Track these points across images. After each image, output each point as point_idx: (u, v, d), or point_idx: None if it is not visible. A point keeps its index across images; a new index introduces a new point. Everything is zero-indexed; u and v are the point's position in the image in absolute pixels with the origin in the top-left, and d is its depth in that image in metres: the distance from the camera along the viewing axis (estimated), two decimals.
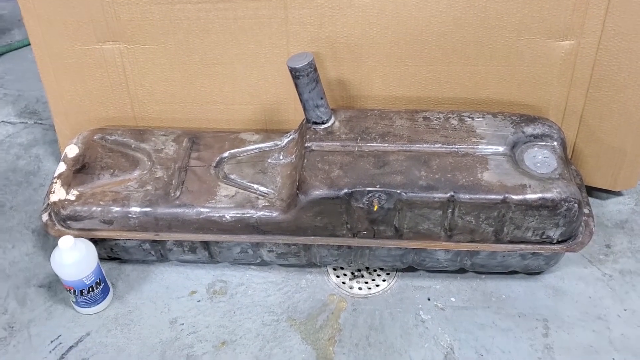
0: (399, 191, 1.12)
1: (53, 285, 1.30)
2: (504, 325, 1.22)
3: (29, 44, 1.90)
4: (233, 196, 1.21)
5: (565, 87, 1.29)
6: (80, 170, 1.27)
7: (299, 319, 1.24)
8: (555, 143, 1.21)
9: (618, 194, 1.45)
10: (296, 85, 1.19)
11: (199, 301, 1.28)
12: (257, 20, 1.26)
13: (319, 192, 1.14)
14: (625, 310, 1.24)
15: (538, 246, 1.18)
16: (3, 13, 2.09)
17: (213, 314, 1.25)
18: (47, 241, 1.39)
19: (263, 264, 1.32)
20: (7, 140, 1.65)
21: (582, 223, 1.20)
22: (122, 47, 1.31)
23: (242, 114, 1.39)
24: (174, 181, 1.24)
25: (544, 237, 1.17)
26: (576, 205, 1.12)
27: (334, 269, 1.33)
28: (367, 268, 1.33)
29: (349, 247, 1.23)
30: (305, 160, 1.18)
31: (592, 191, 1.42)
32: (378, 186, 1.12)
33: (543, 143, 1.21)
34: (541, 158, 1.19)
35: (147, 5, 1.25)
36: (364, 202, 1.14)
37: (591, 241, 1.21)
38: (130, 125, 1.41)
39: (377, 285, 1.30)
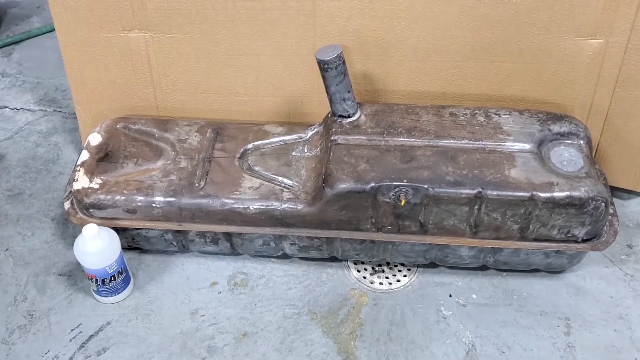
0: (426, 186, 1.12)
1: (73, 274, 1.30)
2: (526, 323, 1.22)
3: (48, 32, 1.91)
4: (257, 188, 1.21)
5: (591, 86, 1.28)
6: (104, 158, 1.27)
7: (320, 312, 1.24)
8: (581, 142, 1.21)
9: None
10: (324, 78, 1.18)
11: (219, 292, 1.27)
12: (285, 12, 1.25)
13: (345, 186, 1.13)
14: None
15: (563, 244, 1.18)
16: (21, 0, 2.08)
17: (234, 306, 1.25)
18: (66, 229, 1.39)
19: (284, 256, 1.32)
20: (26, 127, 1.64)
21: (607, 222, 1.20)
22: (147, 35, 1.31)
23: (265, 106, 1.39)
24: (198, 172, 1.24)
25: (569, 235, 1.17)
26: (603, 204, 1.12)
27: (355, 264, 1.33)
28: (388, 263, 1.33)
29: (372, 241, 1.23)
30: (331, 154, 1.18)
31: (613, 191, 1.41)
32: (405, 181, 1.12)
33: (569, 141, 1.21)
34: (567, 156, 1.19)
35: None
36: (390, 196, 1.13)
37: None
38: (152, 115, 1.41)
39: (398, 281, 1.30)
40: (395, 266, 1.33)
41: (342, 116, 1.23)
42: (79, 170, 1.24)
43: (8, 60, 1.85)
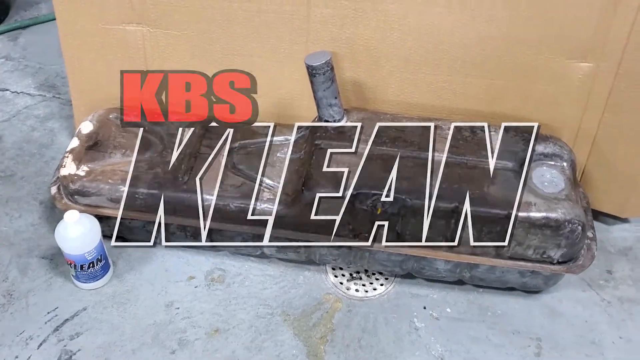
0: (404, 197, 1.13)
1: (55, 258, 1.32)
2: (497, 341, 1.22)
3: (54, 19, 1.93)
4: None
5: (580, 109, 1.28)
6: (93, 147, 1.29)
7: (293, 314, 1.25)
8: (565, 164, 1.21)
9: (625, 220, 1.44)
10: (312, 83, 1.20)
11: (196, 287, 1.29)
12: (280, 15, 1.27)
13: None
14: (620, 337, 1.23)
15: (538, 265, 1.18)
16: None
17: (209, 301, 1.26)
18: (53, 214, 1.41)
19: (262, 256, 1.33)
20: (24, 111, 1.67)
21: (585, 246, 1.20)
22: (144, 30, 1.33)
23: None
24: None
25: (544, 256, 1.17)
26: (580, 227, 1.12)
27: (333, 269, 1.34)
28: (366, 271, 1.33)
29: (349, 247, 1.23)
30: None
31: (598, 215, 1.41)
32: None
33: (553, 162, 1.21)
34: (549, 177, 1.19)
35: None
36: (367, 204, 1.14)
37: (592, 265, 1.20)
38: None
39: (375, 289, 1.30)
40: (374, 274, 1.33)
41: (328, 121, 1.24)
42: (67, 157, 1.26)
43: (14, 44, 1.89)
